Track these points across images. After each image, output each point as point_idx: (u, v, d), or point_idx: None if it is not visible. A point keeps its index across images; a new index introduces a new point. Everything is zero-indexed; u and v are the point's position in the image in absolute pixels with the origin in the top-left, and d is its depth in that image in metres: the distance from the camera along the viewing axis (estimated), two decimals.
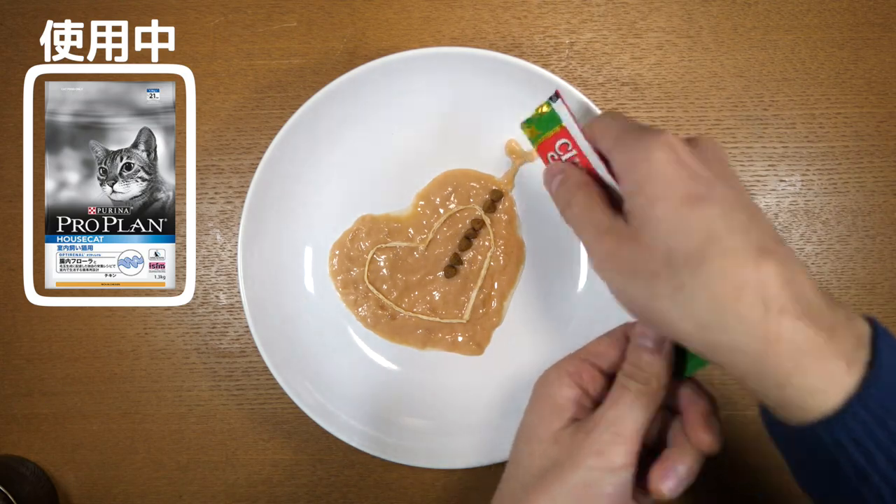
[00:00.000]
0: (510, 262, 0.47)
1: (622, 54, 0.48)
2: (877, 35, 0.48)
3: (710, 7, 0.48)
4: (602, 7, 0.48)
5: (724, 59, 0.48)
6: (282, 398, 0.47)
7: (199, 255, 0.48)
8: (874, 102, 0.47)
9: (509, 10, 0.48)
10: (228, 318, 0.48)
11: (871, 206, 0.47)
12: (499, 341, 0.47)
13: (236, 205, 0.48)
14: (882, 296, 0.47)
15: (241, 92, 0.49)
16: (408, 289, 0.47)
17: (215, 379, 0.48)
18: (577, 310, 0.46)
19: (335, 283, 0.47)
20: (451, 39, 0.48)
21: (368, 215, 0.47)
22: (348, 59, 0.48)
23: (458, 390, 0.46)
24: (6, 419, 0.49)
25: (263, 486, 0.48)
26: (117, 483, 0.48)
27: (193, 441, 0.48)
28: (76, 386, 0.49)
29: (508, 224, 0.47)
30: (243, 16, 0.49)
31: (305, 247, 0.47)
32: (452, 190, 0.47)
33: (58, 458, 0.48)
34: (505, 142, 0.46)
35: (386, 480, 0.48)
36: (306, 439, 0.48)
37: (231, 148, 0.49)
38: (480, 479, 0.48)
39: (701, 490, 0.35)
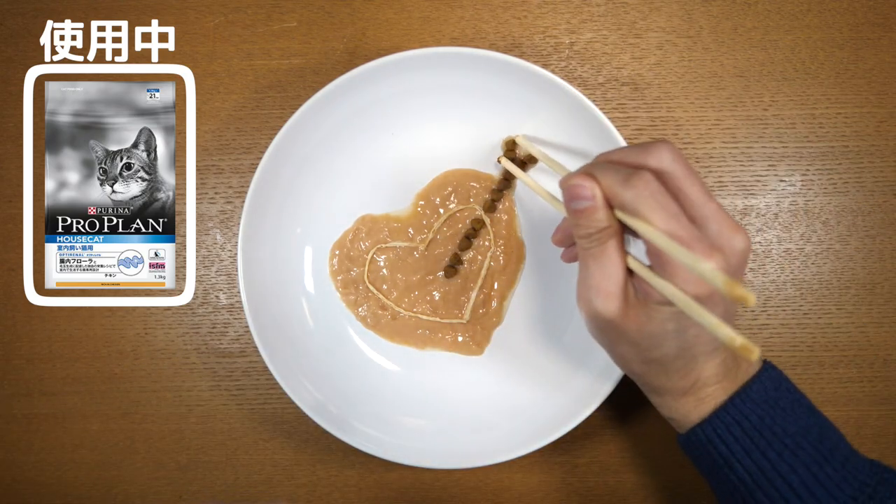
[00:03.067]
0: (510, 262, 0.47)
1: (622, 54, 0.48)
2: (877, 35, 0.48)
3: (710, 7, 0.48)
4: (602, 7, 0.48)
5: (724, 59, 0.48)
6: (282, 398, 0.47)
7: (199, 255, 0.48)
8: (874, 102, 0.47)
9: (509, 10, 0.48)
10: (228, 318, 0.48)
11: (871, 206, 0.47)
12: (499, 341, 0.47)
13: (236, 205, 0.48)
14: (882, 296, 0.47)
15: (241, 92, 0.49)
16: (408, 289, 0.47)
17: (215, 379, 0.48)
18: (577, 310, 0.46)
19: (335, 283, 0.47)
20: (451, 39, 0.48)
21: (368, 215, 0.47)
22: (348, 59, 0.48)
23: (458, 390, 0.46)
24: (6, 419, 0.49)
25: (263, 486, 0.48)
26: (117, 483, 0.48)
27: (193, 441, 0.48)
28: (76, 386, 0.49)
29: (508, 224, 0.47)
30: (243, 16, 0.49)
31: (305, 247, 0.47)
32: (452, 190, 0.47)
33: (58, 458, 0.48)
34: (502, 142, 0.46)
35: (386, 480, 0.48)
36: (306, 439, 0.48)
37: (231, 148, 0.49)
38: (480, 479, 0.48)
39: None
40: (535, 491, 0.47)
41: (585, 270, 0.33)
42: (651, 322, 0.32)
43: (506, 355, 0.47)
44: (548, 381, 0.45)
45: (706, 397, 0.35)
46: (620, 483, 0.47)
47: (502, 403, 0.46)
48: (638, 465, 0.47)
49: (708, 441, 0.35)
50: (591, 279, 0.33)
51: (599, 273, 0.32)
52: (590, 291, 0.33)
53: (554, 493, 0.47)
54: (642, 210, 0.30)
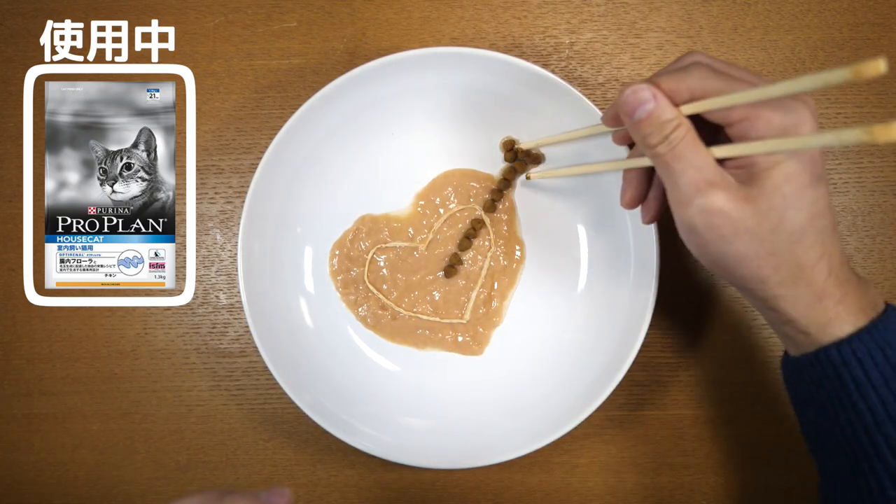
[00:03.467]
0: (510, 262, 0.47)
1: (622, 54, 0.48)
2: (877, 35, 0.48)
3: (710, 7, 0.48)
4: (602, 7, 0.48)
5: (724, 59, 0.47)
6: (282, 398, 0.47)
7: (199, 255, 0.48)
8: (874, 102, 0.47)
9: (509, 10, 0.48)
10: (228, 318, 0.48)
11: (870, 206, 0.47)
12: (499, 341, 0.47)
13: (236, 205, 0.48)
14: (881, 295, 0.47)
15: (241, 92, 0.49)
16: (408, 289, 0.47)
17: (215, 379, 0.48)
18: (577, 310, 0.46)
19: (335, 283, 0.47)
20: (451, 39, 0.48)
21: (368, 215, 0.47)
22: (348, 59, 0.48)
23: (458, 390, 0.46)
24: (6, 419, 0.49)
25: (263, 486, 0.48)
26: (117, 483, 0.48)
27: (193, 441, 0.48)
28: (76, 386, 0.49)
29: (508, 224, 0.47)
30: (243, 16, 0.49)
31: (305, 247, 0.47)
32: (452, 190, 0.47)
33: (58, 458, 0.48)
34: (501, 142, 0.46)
35: (386, 480, 0.48)
36: (306, 439, 0.48)
37: (231, 148, 0.49)
38: (480, 479, 0.48)
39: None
40: (535, 491, 0.47)
41: (673, 175, 0.31)
42: (765, 194, 0.30)
43: (506, 355, 0.47)
44: (547, 381, 0.45)
45: (839, 307, 0.32)
46: (620, 483, 0.47)
47: (502, 403, 0.46)
48: (638, 465, 0.47)
49: (843, 363, 0.31)
50: (684, 178, 0.30)
51: (691, 169, 0.30)
52: (688, 192, 0.30)
53: (554, 493, 0.47)
54: (712, 84, 0.30)
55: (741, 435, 0.47)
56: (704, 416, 0.47)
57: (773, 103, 0.30)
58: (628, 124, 0.32)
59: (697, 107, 0.31)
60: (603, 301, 0.45)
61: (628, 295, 0.44)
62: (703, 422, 0.47)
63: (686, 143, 0.31)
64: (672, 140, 0.31)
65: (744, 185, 0.30)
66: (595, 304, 0.45)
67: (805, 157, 0.30)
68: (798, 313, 0.32)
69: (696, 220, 0.31)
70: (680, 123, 0.31)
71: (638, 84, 0.31)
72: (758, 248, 0.31)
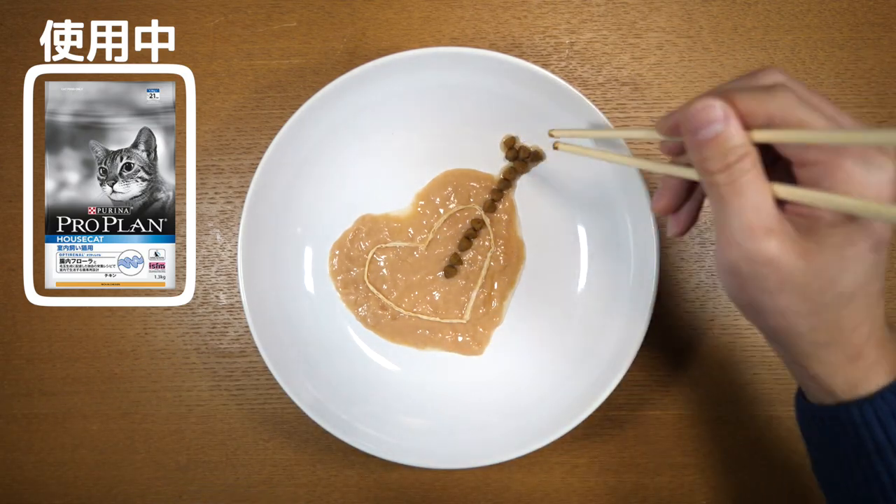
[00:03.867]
0: (510, 262, 0.47)
1: (622, 54, 0.48)
2: (877, 35, 0.47)
3: (710, 7, 0.48)
4: (602, 7, 0.48)
5: (724, 59, 0.48)
6: (282, 398, 0.47)
7: (199, 255, 0.48)
8: (874, 102, 0.47)
9: (509, 10, 0.48)
10: (228, 318, 0.48)
11: None
12: (499, 341, 0.47)
13: (236, 205, 0.48)
14: None
15: (241, 92, 0.49)
16: (408, 289, 0.47)
17: (215, 379, 0.48)
18: (577, 310, 0.46)
19: (335, 283, 0.47)
20: (451, 39, 0.48)
21: (368, 215, 0.47)
22: (348, 59, 0.48)
23: (458, 390, 0.46)
24: (6, 419, 0.49)
25: (263, 486, 0.48)
26: (117, 483, 0.48)
27: (193, 441, 0.48)
28: (76, 386, 0.49)
29: (508, 224, 0.47)
30: (243, 16, 0.49)
31: (305, 247, 0.47)
32: (452, 190, 0.47)
33: (58, 458, 0.48)
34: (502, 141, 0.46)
35: (386, 480, 0.48)
36: (306, 439, 0.48)
37: (231, 148, 0.49)
38: (480, 479, 0.48)
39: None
40: (534, 491, 0.47)
41: (726, 210, 0.27)
42: (824, 252, 0.27)
43: (506, 355, 0.47)
44: (547, 381, 0.45)
45: (870, 370, 0.30)
46: (620, 483, 0.47)
47: (502, 403, 0.46)
48: (638, 465, 0.47)
49: (864, 423, 0.29)
50: (738, 218, 0.27)
51: (749, 209, 0.27)
52: (739, 233, 0.27)
53: (554, 493, 0.47)
54: (797, 114, 0.26)
55: (741, 435, 0.47)
56: (704, 416, 0.47)
57: (856, 152, 0.26)
58: (688, 141, 0.28)
59: (771, 136, 0.27)
60: (603, 301, 0.45)
61: (628, 295, 0.44)
62: (703, 422, 0.47)
63: (749, 178, 0.27)
64: (734, 172, 0.27)
65: (803, 234, 0.27)
66: (595, 304, 0.45)
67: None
68: (825, 373, 0.30)
69: (742, 264, 0.28)
70: (747, 153, 0.27)
71: (711, 98, 0.27)
72: (800, 305, 0.28)
